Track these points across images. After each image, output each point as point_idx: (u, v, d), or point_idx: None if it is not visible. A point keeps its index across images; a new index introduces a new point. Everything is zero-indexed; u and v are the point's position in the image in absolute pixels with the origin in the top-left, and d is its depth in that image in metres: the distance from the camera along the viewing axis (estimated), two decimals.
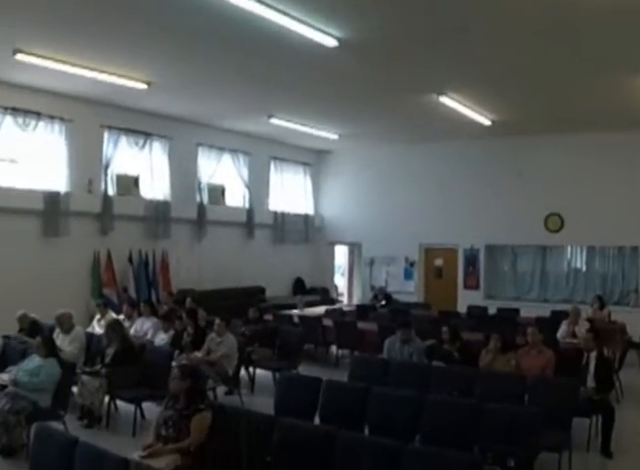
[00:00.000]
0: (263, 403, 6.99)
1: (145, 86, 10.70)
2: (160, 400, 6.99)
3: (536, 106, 12.09)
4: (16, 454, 6.21)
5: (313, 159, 18.10)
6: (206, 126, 14.47)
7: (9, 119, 10.80)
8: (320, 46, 8.30)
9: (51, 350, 6.87)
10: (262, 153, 16.14)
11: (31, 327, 8.83)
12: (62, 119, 11.57)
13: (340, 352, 11.54)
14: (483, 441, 4.98)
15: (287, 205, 17.06)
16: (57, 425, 6.10)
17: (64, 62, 9.47)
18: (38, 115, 11.18)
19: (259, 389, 9.21)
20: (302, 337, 10.12)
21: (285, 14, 7.26)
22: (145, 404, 7.47)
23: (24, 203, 10.90)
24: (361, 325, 11.10)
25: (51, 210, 11.28)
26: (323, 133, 14.93)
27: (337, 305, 15.22)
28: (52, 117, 11.43)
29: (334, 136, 15.29)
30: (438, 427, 5.31)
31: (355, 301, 17.43)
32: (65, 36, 8.49)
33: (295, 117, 13.59)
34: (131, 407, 7.37)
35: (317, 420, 5.84)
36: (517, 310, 12.80)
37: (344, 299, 18.47)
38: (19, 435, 6.21)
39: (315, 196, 18.16)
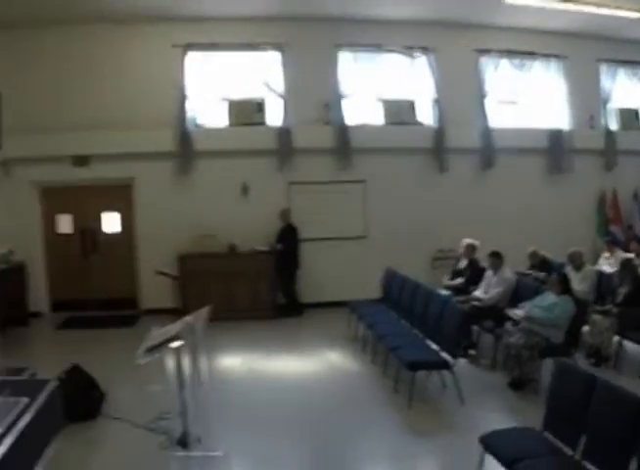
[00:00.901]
0: None
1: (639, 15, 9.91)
2: None
3: None
4: (524, 388, 6.26)
5: None
6: None
7: (504, 62, 11.16)
8: None
9: (565, 287, 6.71)
10: None
11: (542, 264, 8.90)
12: (556, 57, 11.40)
13: None
14: None
15: None
16: (567, 361, 5.86)
17: None
18: (532, 54, 11.25)
19: None
20: None
21: None
22: None
23: (529, 142, 11.21)
24: None
25: (555, 147, 11.35)
26: None
27: None
28: (546, 56, 11.36)
29: None
30: None
31: None
32: None
33: None
34: None
35: None
36: None
37: None
38: (530, 369, 6.27)
39: None
